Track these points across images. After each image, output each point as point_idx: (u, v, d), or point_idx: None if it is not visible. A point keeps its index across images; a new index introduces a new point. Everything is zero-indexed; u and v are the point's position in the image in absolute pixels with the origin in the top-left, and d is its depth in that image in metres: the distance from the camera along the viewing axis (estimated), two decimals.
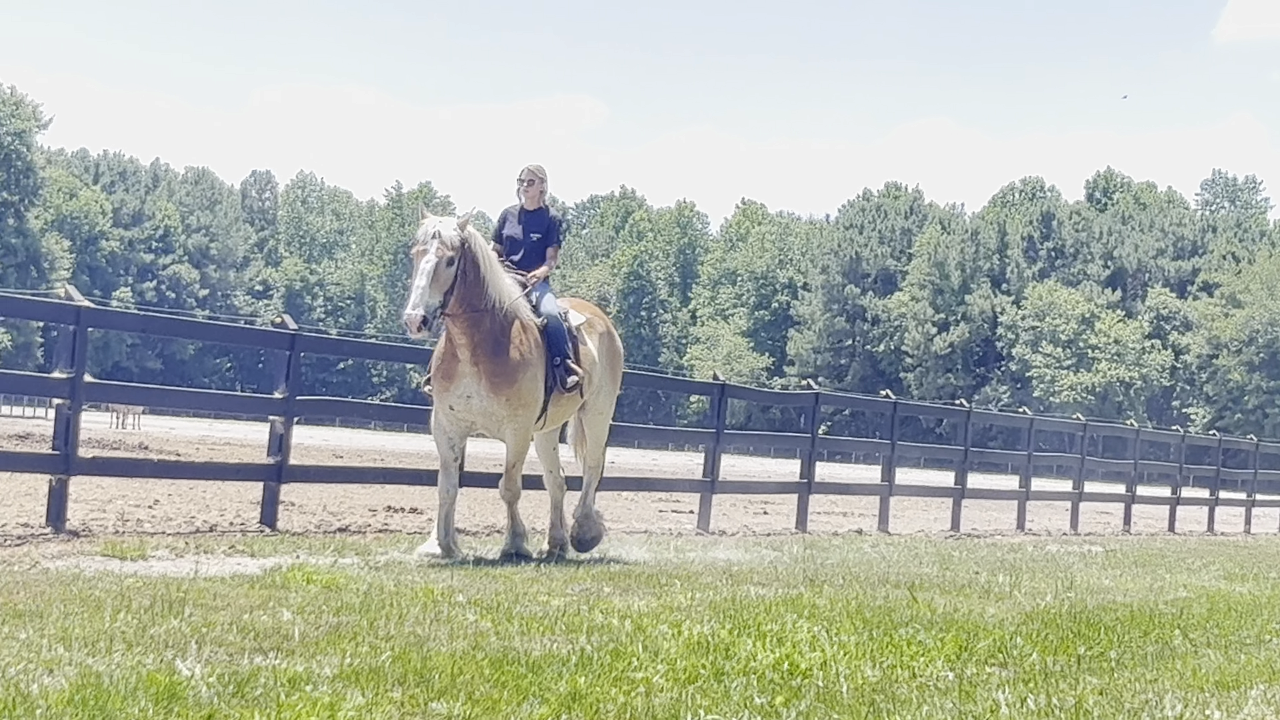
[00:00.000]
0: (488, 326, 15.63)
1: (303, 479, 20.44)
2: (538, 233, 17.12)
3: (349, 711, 7.34)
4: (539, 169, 17.25)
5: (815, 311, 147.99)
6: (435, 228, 15.22)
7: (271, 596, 11.46)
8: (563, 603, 12.26)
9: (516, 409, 16.00)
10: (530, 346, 16.06)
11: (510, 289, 16.07)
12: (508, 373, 15.78)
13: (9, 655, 8.10)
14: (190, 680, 7.66)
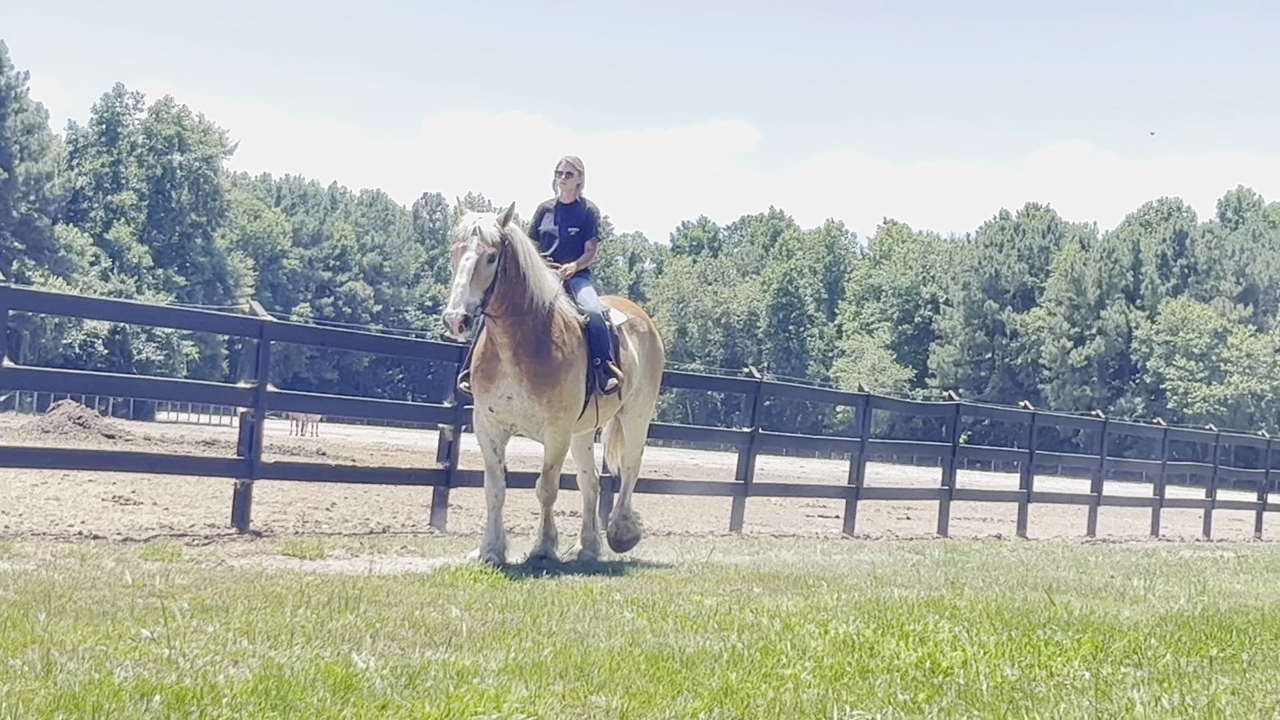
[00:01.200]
0: (530, 326, 14.43)
1: (470, 483, 20.47)
2: (575, 226, 15.89)
3: (513, 703, 7.36)
4: (576, 161, 16.05)
5: (956, 326, 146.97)
6: (475, 224, 14.00)
7: (441, 594, 11.53)
8: (715, 602, 12.24)
9: (558, 411, 14.73)
10: (573, 346, 14.84)
11: (552, 286, 14.88)
12: (550, 374, 14.55)
13: (197, 647, 8.20)
14: (365, 672, 7.72)
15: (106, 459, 21.29)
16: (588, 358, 15.02)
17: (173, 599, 10.10)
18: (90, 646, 7.97)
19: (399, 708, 7.06)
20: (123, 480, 23.03)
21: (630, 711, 7.52)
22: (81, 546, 13.71)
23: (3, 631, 8.22)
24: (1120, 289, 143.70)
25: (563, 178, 15.90)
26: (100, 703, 6.53)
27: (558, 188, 16.02)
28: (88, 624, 8.75)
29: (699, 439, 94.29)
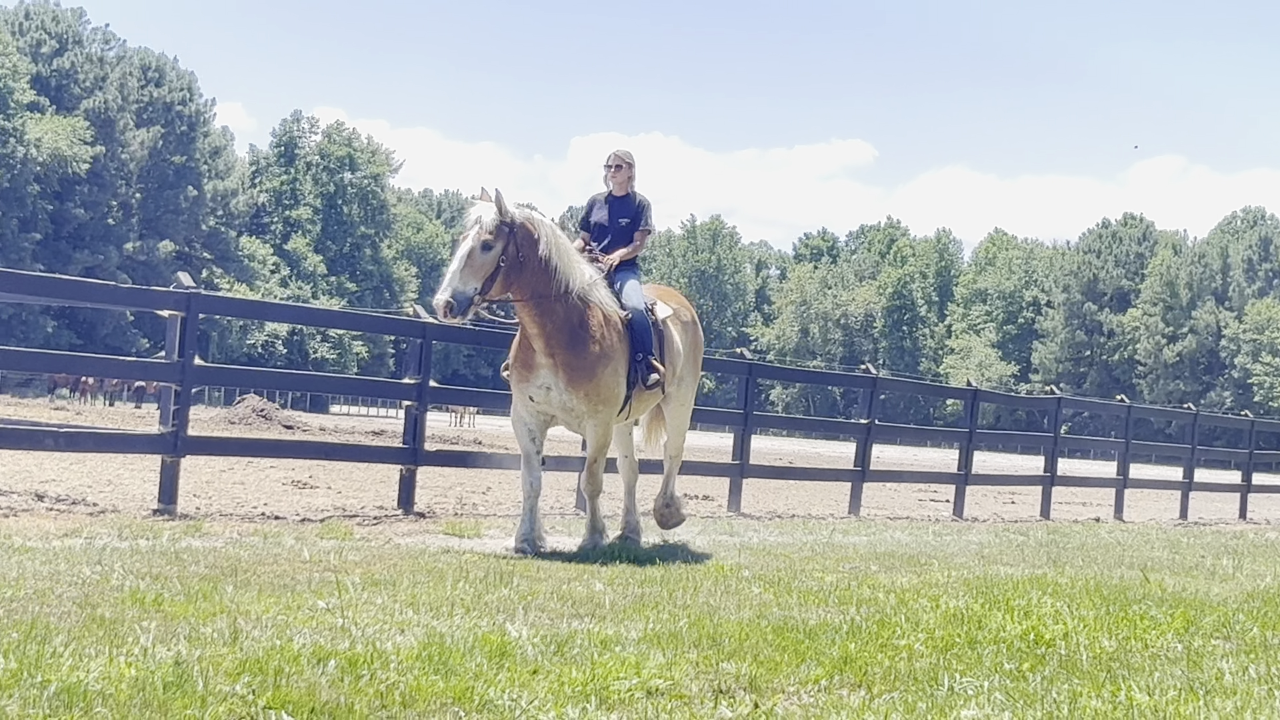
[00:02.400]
0: (561, 315, 13.22)
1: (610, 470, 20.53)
2: (625, 218, 14.70)
3: (652, 669, 7.37)
4: (626, 154, 14.89)
5: (1057, 326, 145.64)
6: (478, 213, 13.04)
7: (586, 570, 11.57)
8: (835, 579, 12.20)
9: (596, 405, 13.58)
10: (613, 340, 13.64)
11: (585, 274, 13.58)
12: (586, 366, 13.37)
13: (367, 617, 8.28)
14: (518, 640, 7.76)
15: (286, 447, 21.54)
16: (629, 353, 13.86)
17: (345, 573, 10.20)
18: (272, 616, 8.07)
19: (549, 672, 7.09)
20: (300, 467, 23.27)
21: (758, 678, 7.51)
22: (264, 526, 13.87)
23: (194, 602, 8.34)
24: (1210, 291, 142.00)
25: (613, 170, 14.80)
26: (281, 666, 6.60)
27: (609, 181, 14.87)
28: (270, 596, 8.86)
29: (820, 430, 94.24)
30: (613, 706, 6.70)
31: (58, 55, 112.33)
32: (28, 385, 79.06)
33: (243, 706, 5.94)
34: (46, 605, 7.91)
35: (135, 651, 6.72)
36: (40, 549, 10.51)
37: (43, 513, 13.66)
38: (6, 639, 6.72)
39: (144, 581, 9.07)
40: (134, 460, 20.46)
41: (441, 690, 6.54)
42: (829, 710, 6.85)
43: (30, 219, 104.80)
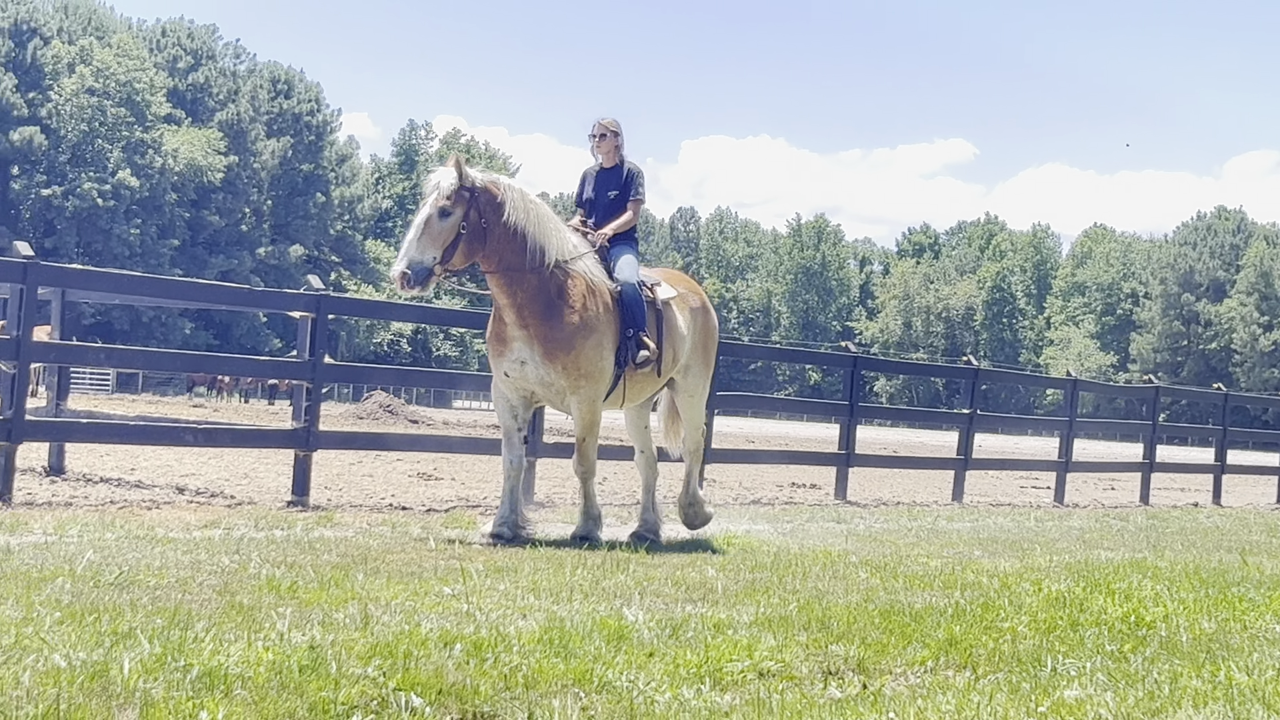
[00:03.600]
0: (534, 285, 11.98)
1: (722, 460, 20.57)
2: (614, 190, 13.29)
3: (764, 652, 7.36)
4: (611, 122, 13.41)
5: (1154, 317, 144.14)
6: (436, 178, 11.90)
7: (699, 557, 11.58)
8: (940, 564, 12.15)
9: (577, 379, 12.23)
10: (597, 311, 12.31)
11: (565, 244, 12.38)
12: (563, 338, 12.06)
13: (491, 603, 8.32)
14: (635, 624, 7.78)
15: (412, 441, 21.68)
16: (619, 328, 12.54)
17: (469, 561, 10.26)
18: (401, 602, 8.13)
19: (664, 655, 7.10)
20: (425, 459, 23.45)
21: (866, 660, 7.49)
22: (392, 516, 13.97)
23: (327, 589, 8.42)
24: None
25: (597, 140, 13.38)
26: (410, 650, 6.65)
27: (596, 153, 13.48)
28: (398, 582, 8.93)
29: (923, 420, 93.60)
30: (726, 688, 6.70)
31: (193, 70, 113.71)
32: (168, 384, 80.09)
33: (374, 688, 5.99)
34: (188, 593, 8.01)
35: (272, 636, 6.79)
36: (181, 539, 10.64)
37: (183, 505, 13.84)
38: (152, 625, 6.82)
39: (279, 570, 9.17)
40: (268, 454, 20.68)
41: (562, 672, 6.56)
42: (935, 690, 6.82)
43: (169, 226, 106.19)
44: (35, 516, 11.60)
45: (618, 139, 13.40)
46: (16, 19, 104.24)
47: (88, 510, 12.64)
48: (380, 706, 5.82)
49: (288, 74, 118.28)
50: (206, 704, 5.50)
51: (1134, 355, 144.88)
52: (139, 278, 16.19)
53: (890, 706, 6.33)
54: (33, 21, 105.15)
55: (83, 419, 17.32)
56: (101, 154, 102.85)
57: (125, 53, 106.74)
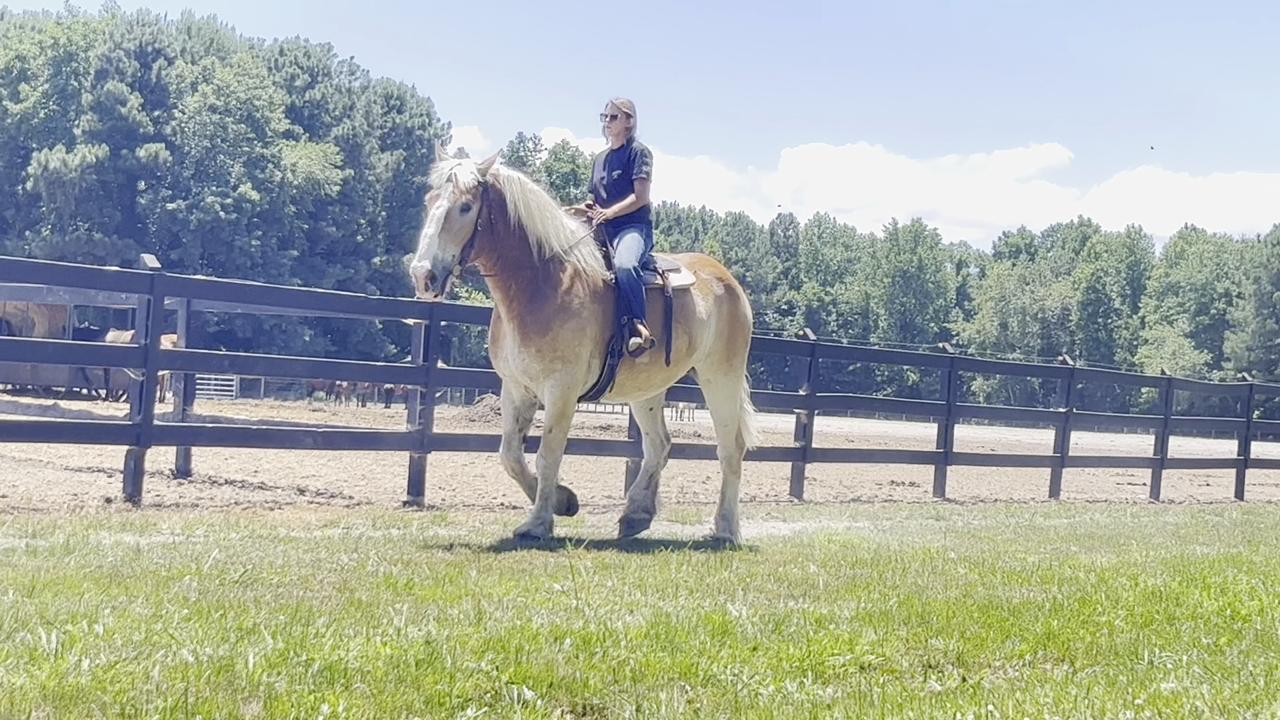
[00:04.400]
0: (528, 277, 11.15)
1: (822, 459, 20.50)
2: (618, 169, 12.25)
3: (864, 646, 7.34)
4: (624, 102, 12.42)
5: (1248, 316, 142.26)
6: (451, 170, 10.85)
7: (800, 553, 11.55)
8: (1037, 559, 12.05)
9: (552, 361, 11.20)
10: (581, 296, 11.32)
11: (563, 233, 11.47)
12: (541, 321, 11.13)
13: (599, 599, 8.34)
14: (738, 619, 7.77)
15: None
16: (611, 315, 11.53)
17: (578, 558, 10.28)
18: (513, 598, 8.17)
19: (767, 649, 7.09)
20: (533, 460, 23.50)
21: (965, 653, 7.44)
22: (503, 515, 14.03)
23: (442, 586, 8.47)
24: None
25: (608, 121, 12.44)
26: (522, 645, 6.67)
27: (606, 134, 12.54)
28: (510, 579, 8.97)
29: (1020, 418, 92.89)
30: (828, 681, 6.68)
31: (309, 88, 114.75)
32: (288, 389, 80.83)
33: (487, 682, 6.02)
34: (309, 590, 8.08)
35: (389, 631, 6.84)
36: (302, 538, 10.74)
37: (304, 505, 13.97)
38: (275, 621, 6.89)
39: (396, 567, 9.23)
40: (385, 456, 20.82)
41: (668, 666, 6.57)
42: (1034, 683, 6.77)
43: (288, 237, 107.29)
44: (163, 517, 11.75)
45: (629, 120, 12.43)
46: (142, 41, 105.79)
47: (213, 511, 12.79)
48: (494, 699, 5.85)
49: (400, 90, 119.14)
50: (327, 697, 5.55)
51: (1228, 354, 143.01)
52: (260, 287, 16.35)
53: (989, 699, 6.29)
54: (157, 43, 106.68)
55: (208, 423, 17.52)
56: (223, 169, 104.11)
57: (245, 72, 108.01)
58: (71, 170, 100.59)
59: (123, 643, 6.19)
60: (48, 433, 15.82)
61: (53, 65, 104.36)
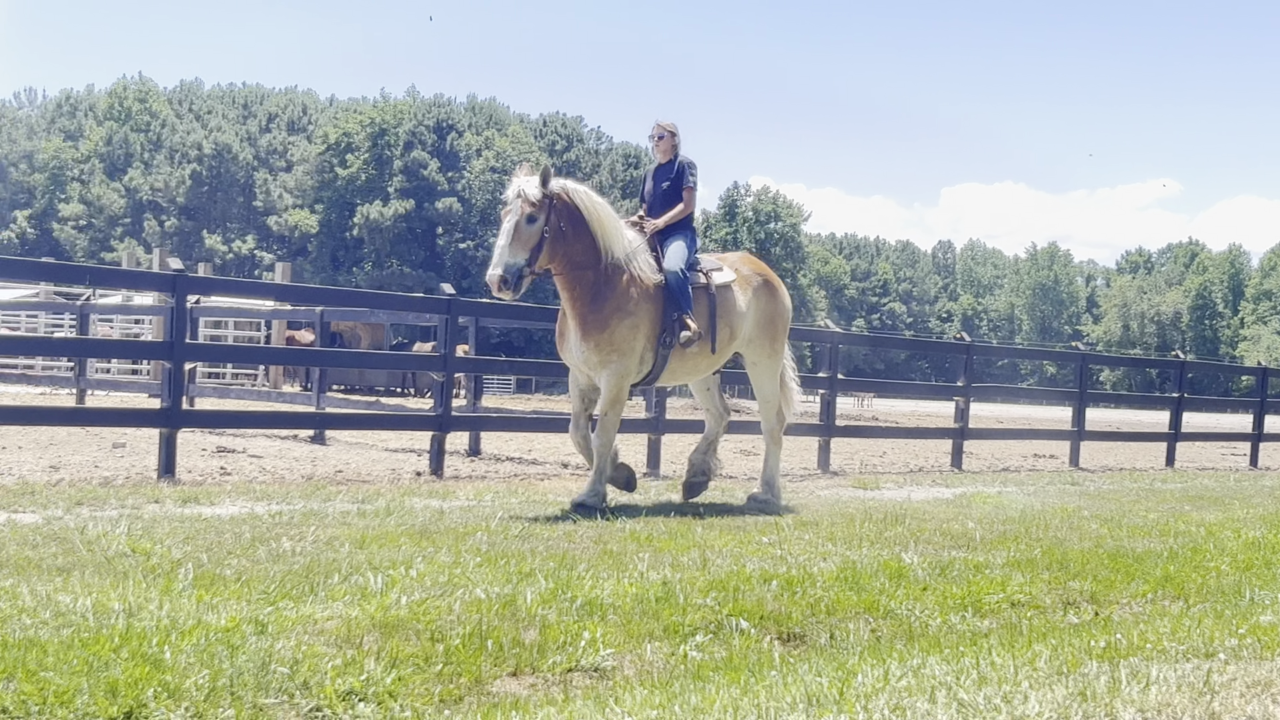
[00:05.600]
0: (590, 280, 10.51)
1: (977, 437, 20.13)
2: (667, 181, 11.51)
3: (1014, 587, 7.23)
4: (668, 124, 11.62)
5: None
6: (520, 187, 10.32)
7: (960, 512, 11.38)
8: (1156, 516, 11.72)
9: (609, 353, 10.57)
10: (635, 298, 10.67)
11: (625, 242, 10.80)
12: (600, 319, 10.52)
13: (798, 549, 8.32)
14: (911, 566, 7.70)
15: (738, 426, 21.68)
16: (661, 313, 10.84)
17: (781, 517, 10.27)
18: (730, 548, 8.19)
19: (935, 589, 7.02)
20: (746, 440, 23.50)
21: (1098, 593, 7.29)
22: (721, 483, 14.01)
23: (675, 539, 8.52)
24: None
25: (655, 140, 11.68)
26: (738, 585, 6.69)
27: (655, 152, 11.75)
28: (728, 534, 8.99)
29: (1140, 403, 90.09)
30: (985, 614, 6.60)
31: (566, 150, 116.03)
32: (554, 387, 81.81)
33: (711, 614, 6.04)
34: (572, 543, 8.19)
35: (634, 575, 6.90)
36: (567, 503, 10.89)
37: (568, 477, 14.14)
38: (546, 567, 6.99)
39: (638, 525, 9.31)
40: (629, 437, 20.90)
41: (855, 602, 6.53)
42: (1154, 617, 6.61)
43: None
44: (460, 487, 11.99)
45: (674, 139, 11.59)
46: (438, 118, 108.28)
47: (497, 482, 13.01)
48: (717, 628, 5.87)
49: (636, 151, 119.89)
50: (587, 625, 5.62)
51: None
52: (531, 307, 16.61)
53: (1117, 629, 6.14)
54: (450, 119, 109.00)
55: (493, 414, 17.83)
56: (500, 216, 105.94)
57: (517, 139, 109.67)
58: (386, 220, 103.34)
59: (431, 583, 6.34)
60: (372, 422, 16.24)
61: (371, 139, 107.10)
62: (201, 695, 4.31)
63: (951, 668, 5.12)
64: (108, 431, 16.56)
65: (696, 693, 4.68)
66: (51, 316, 36.43)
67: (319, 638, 5.09)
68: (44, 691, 4.16)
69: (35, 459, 12.95)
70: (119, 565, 6.43)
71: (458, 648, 5.11)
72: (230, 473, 12.53)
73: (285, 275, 41.34)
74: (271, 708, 4.34)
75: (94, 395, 24.13)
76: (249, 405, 21.69)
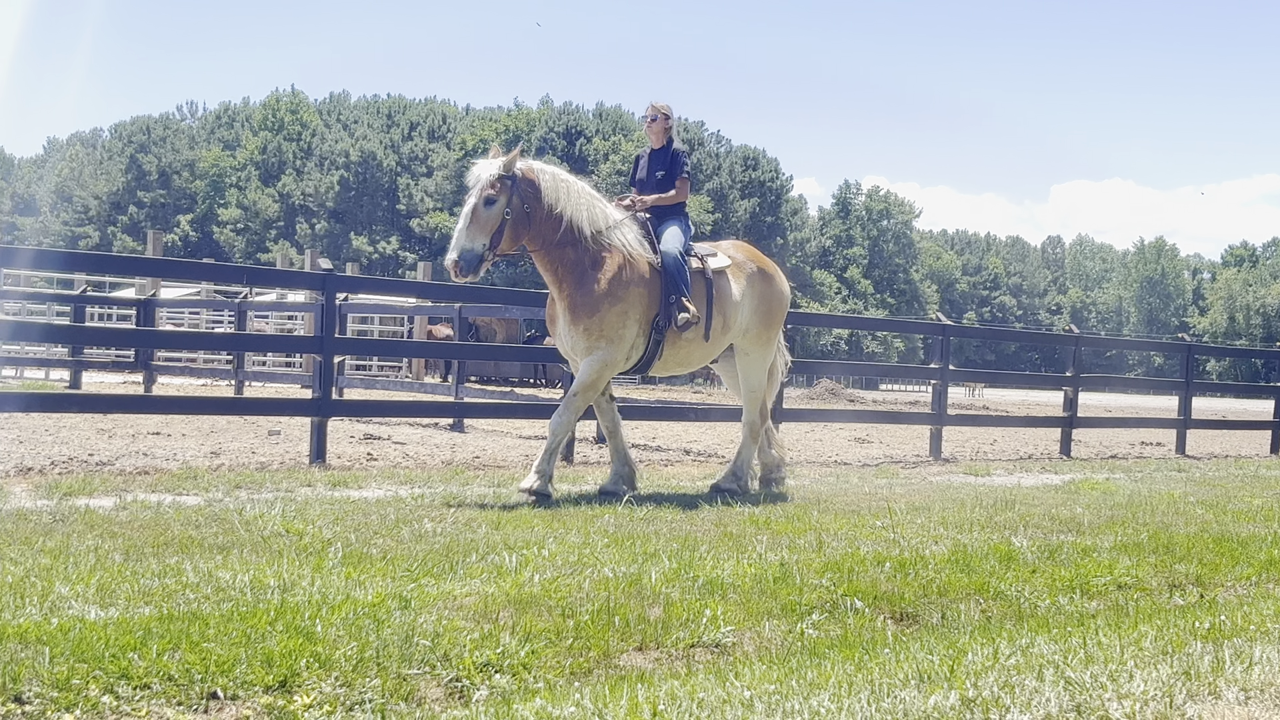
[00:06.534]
0: (572, 257, 9.62)
1: (1085, 425, 19.76)
2: (661, 169, 10.64)
3: (1121, 569, 7.10)
4: (663, 106, 10.74)
5: None
6: (477, 172, 9.51)
7: (1068, 498, 11.19)
8: (1261, 502, 11.41)
9: (597, 340, 9.63)
10: (628, 280, 9.73)
11: (601, 216, 9.86)
12: (590, 303, 9.59)
13: (911, 532, 8.25)
14: (1020, 549, 7.59)
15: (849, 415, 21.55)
16: (659, 296, 9.92)
17: (894, 502, 10.19)
18: (845, 531, 8.14)
19: (1044, 572, 6.92)
20: (859, 428, 23.36)
21: (1203, 576, 7.13)
22: (836, 470, 13.98)
23: (791, 522, 8.50)
24: None
25: (649, 122, 10.86)
26: (852, 567, 6.65)
27: (648, 134, 10.97)
28: (843, 517, 8.94)
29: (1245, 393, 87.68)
30: (1093, 596, 6.49)
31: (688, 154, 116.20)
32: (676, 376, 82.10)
33: (827, 594, 6.02)
34: (693, 525, 8.21)
35: (753, 556, 6.90)
36: (689, 488, 10.91)
37: (689, 463, 14.16)
38: (669, 548, 7.02)
39: (758, 509, 9.30)
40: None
41: (966, 584, 6.46)
42: (1258, 599, 6.45)
43: None
44: (589, 472, 12.08)
45: (668, 121, 10.74)
46: (568, 125, 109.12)
47: None
48: (832, 608, 5.85)
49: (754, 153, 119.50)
50: (709, 603, 5.63)
51: None
52: None
53: (1222, 610, 6.01)
54: (578, 125, 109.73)
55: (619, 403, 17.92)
56: None
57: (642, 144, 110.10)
58: None
59: (562, 563, 6.40)
60: (507, 411, 16.41)
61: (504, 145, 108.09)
62: (350, 665, 4.40)
63: (1059, 647, 5.05)
64: (264, 420, 16.94)
65: (813, 668, 4.67)
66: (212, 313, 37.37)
67: (458, 613, 5.17)
68: (206, 661, 4.28)
69: (197, 446, 13.30)
70: (274, 544, 6.58)
71: (587, 623, 5.16)
72: (376, 458, 12.75)
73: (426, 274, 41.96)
74: (414, 678, 4.41)
75: (251, 386, 24.69)
76: (393, 395, 22.06)
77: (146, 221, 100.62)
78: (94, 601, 5.00)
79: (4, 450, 11.70)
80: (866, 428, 23.62)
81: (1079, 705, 4.21)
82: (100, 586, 5.27)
